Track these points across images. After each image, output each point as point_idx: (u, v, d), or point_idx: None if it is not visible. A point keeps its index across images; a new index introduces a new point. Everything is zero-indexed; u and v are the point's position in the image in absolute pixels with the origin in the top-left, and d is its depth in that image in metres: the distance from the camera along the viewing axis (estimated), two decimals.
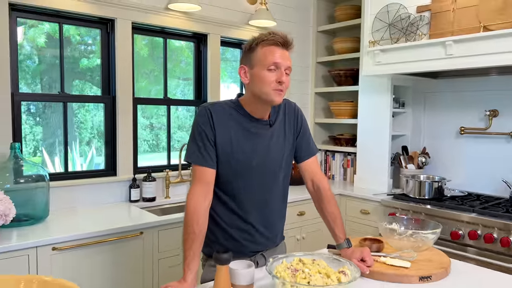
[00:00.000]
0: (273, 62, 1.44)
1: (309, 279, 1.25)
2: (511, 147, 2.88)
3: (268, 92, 1.46)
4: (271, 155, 1.57)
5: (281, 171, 1.62)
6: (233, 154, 1.51)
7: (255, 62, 1.47)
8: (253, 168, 1.54)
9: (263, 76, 1.45)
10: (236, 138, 1.51)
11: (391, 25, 2.85)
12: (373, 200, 3.07)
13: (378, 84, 3.28)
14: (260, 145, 1.54)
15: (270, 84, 1.45)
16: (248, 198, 1.56)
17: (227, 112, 1.53)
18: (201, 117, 1.51)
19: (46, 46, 2.61)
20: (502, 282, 1.50)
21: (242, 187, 1.54)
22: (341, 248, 1.58)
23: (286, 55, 1.47)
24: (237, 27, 3.32)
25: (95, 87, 2.83)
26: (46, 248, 1.99)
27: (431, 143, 3.33)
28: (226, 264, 1.32)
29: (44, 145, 2.69)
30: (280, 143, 1.59)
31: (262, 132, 1.55)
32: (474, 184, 3.07)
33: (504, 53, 2.33)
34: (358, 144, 3.48)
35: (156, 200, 2.84)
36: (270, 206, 1.61)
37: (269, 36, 1.46)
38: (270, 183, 1.59)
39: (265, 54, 1.45)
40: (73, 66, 2.71)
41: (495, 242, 2.38)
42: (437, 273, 1.49)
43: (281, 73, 1.45)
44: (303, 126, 1.67)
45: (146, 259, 2.31)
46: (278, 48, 1.46)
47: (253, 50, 1.48)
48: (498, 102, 2.94)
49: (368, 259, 1.51)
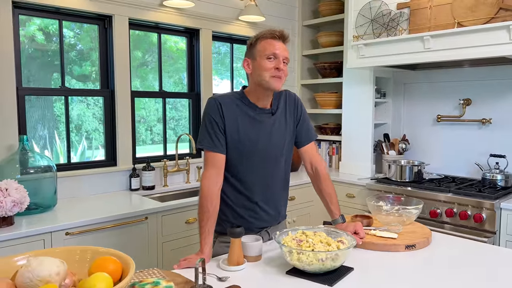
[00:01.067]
0: (272, 52, 1.63)
1: (313, 247, 1.44)
2: (483, 133, 3.15)
3: (267, 79, 1.64)
4: (273, 141, 1.74)
5: (283, 156, 1.80)
6: (240, 141, 1.68)
7: (256, 54, 1.66)
8: (258, 153, 1.71)
9: (263, 64, 1.64)
10: (242, 126, 1.68)
11: (373, 20, 3.05)
12: (358, 184, 3.29)
13: (361, 76, 3.49)
14: (264, 132, 1.72)
15: (269, 70, 1.63)
16: (253, 180, 1.74)
17: (234, 103, 1.70)
18: (212, 108, 1.68)
19: (45, 42, 2.71)
20: (473, 248, 1.73)
21: (248, 170, 1.72)
22: (337, 223, 1.78)
23: (284, 47, 1.67)
24: (227, 22, 3.47)
25: (90, 82, 2.93)
26: (60, 233, 2.13)
27: (410, 130, 3.57)
28: (240, 237, 1.50)
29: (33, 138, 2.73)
30: (282, 130, 1.77)
31: (265, 120, 1.73)
32: (450, 168, 3.33)
33: (476, 47, 2.56)
34: (342, 132, 3.70)
35: (155, 188, 2.99)
36: (273, 187, 1.79)
37: (268, 32, 1.67)
38: (272, 166, 1.77)
39: (264, 46, 1.65)
40: (70, 61, 2.80)
41: (469, 219, 2.63)
42: (420, 242, 1.71)
43: (278, 61, 1.63)
44: (303, 114, 1.85)
45: (150, 243, 2.47)
46: (276, 41, 1.65)
47: (255, 44, 1.68)
48: (471, 91, 3.19)
49: (361, 232, 1.72)
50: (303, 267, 1.41)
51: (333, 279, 1.39)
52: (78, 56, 2.85)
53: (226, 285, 1.35)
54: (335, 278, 1.40)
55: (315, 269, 1.40)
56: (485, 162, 3.07)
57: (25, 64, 2.61)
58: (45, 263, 0.95)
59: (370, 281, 1.40)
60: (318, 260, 1.38)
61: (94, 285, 0.90)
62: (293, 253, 1.42)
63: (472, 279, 1.41)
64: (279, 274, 1.45)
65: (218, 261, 1.55)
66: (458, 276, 1.44)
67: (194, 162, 3.31)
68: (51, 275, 0.94)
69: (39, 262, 0.95)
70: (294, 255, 1.41)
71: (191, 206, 2.63)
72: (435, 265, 1.54)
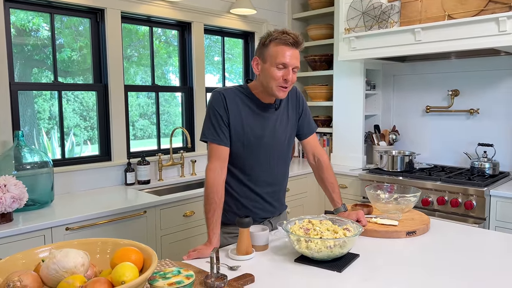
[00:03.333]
0: (282, 62, 1.59)
1: (321, 235, 1.47)
2: (470, 122, 3.24)
3: (273, 87, 1.64)
4: (276, 136, 1.77)
5: (285, 149, 1.83)
6: (244, 134, 1.70)
7: (266, 57, 1.62)
8: (261, 147, 1.74)
9: (271, 72, 1.61)
10: (246, 120, 1.70)
11: (364, 13, 3.09)
12: (350, 175, 3.35)
13: (352, 69, 3.54)
14: (267, 127, 1.74)
15: (277, 80, 1.61)
16: (256, 172, 1.77)
17: (238, 97, 1.72)
18: (216, 101, 1.69)
19: (36, 35, 2.66)
20: (469, 233, 1.80)
21: (252, 163, 1.75)
22: (339, 212, 1.83)
23: (295, 55, 1.62)
24: (219, 15, 3.46)
25: (78, 77, 2.88)
26: (60, 228, 2.12)
27: (400, 121, 3.64)
28: (248, 227, 1.53)
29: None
30: (284, 125, 1.80)
31: (269, 115, 1.75)
32: (439, 157, 3.42)
33: (465, 38, 2.63)
34: (333, 124, 3.75)
35: (150, 183, 2.98)
36: (275, 179, 1.83)
37: (281, 36, 1.59)
38: (275, 159, 1.80)
39: (276, 52, 1.59)
40: (32, 54, 2.71)
41: (460, 206, 2.72)
42: (420, 228, 1.77)
43: (287, 72, 1.61)
44: (304, 108, 1.88)
45: (149, 236, 2.47)
46: (288, 48, 1.59)
47: (267, 46, 1.62)
48: (459, 82, 3.28)
49: (363, 220, 1.77)
50: (311, 254, 1.44)
51: (341, 265, 1.43)
52: (65, 50, 2.81)
53: (237, 273, 1.38)
54: (343, 265, 1.44)
55: (324, 256, 1.43)
56: (474, 151, 3.16)
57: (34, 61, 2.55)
58: (70, 255, 0.96)
59: (376, 266, 1.44)
60: (326, 248, 1.42)
61: (123, 274, 0.91)
62: (301, 241, 1.45)
63: (473, 262, 1.47)
64: (288, 262, 1.49)
65: (227, 251, 1.57)
66: (458, 259, 1.50)
67: (188, 156, 3.31)
68: (76, 266, 0.95)
69: (64, 254, 0.95)
70: (303, 243, 1.45)
71: (188, 200, 2.64)
72: (436, 250, 1.60)
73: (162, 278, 1.05)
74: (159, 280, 1.04)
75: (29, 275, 0.93)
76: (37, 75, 2.73)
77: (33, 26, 2.66)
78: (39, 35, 2.69)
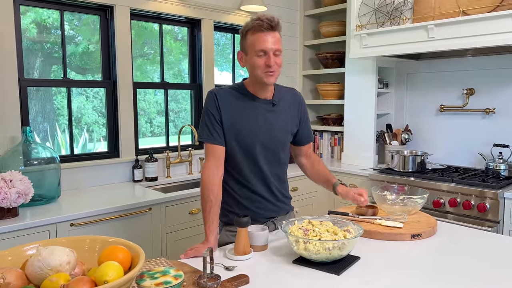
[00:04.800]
0: (260, 50, 1.58)
1: (320, 236, 1.44)
2: (486, 122, 3.14)
3: (259, 75, 1.63)
4: (273, 133, 1.74)
5: (282, 148, 1.80)
6: (238, 133, 1.68)
7: (247, 49, 1.63)
8: (257, 145, 1.71)
9: (254, 62, 1.61)
10: (240, 118, 1.68)
11: (376, 9, 3.03)
12: (360, 175, 3.29)
13: (364, 66, 3.48)
14: (263, 123, 1.71)
15: (260, 68, 1.61)
16: (253, 172, 1.74)
17: (231, 95, 1.70)
18: (209, 101, 1.69)
19: (47, 33, 2.68)
20: (478, 237, 1.73)
21: (248, 162, 1.72)
22: (337, 185, 1.83)
23: (274, 38, 1.59)
24: (229, 12, 3.44)
25: (73, 72, 2.88)
26: (65, 224, 2.13)
27: (413, 120, 3.56)
28: (246, 226, 1.50)
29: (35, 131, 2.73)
30: (283, 122, 1.77)
31: (265, 111, 1.72)
32: (452, 158, 3.33)
33: (481, 35, 2.54)
34: (345, 123, 3.69)
35: (158, 180, 2.98)
36: (273, 178, 1.79)
37: (256, 23, 1.58)
38: (272, 158, 1.77)
39: (253, 42, 1.59)
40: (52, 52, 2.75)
41: (473, 208, 2.63)
42: (426, 231, 1.71)
43: (268, 57, 1.59)
44: (306, 116, 1.87)
45: (154, 233, 2.47)
46: (264, 34, 1.58)
47: (245, 37, 1.63)
48: (474, 81, 3.18)
49: (364, 195, 1.77)
50: (310, 256, 1.41)
51: (340, 268, 1.39)
52: (78, 47, 2.83)
53: (233, 274, 1.35)
54: (342, 267, 1.40)
55: (322, 258, 1.40)
56: (489, 152, 3.07)
57: (26, 56, 2.59)
58: (56, 252, 0.95)
59: (377, 270, 1.40)
60: (325, 249, 1.38)
61: (106, 273, 0.89)
62: (299, 242, 1.42)
63: (479, 267, 1.41)
64: (286, 263, 1.46)
65: (225, 251, 1.55)
66: (464, 264, 1.44)
67: (196, 153, 3.30)
68: (61, 264, 0.94)
69: (49, 252, 0.94)
70: (301, 244, 1.41)
71: (194, 197, 2.63)
72: (441, 253, 1.54)
73: (150, 278, 1.03)
74: (146, 279, 1.02)
75: (13, 272, 0.92)
76: (56, 72, 2.79)
77: (53, 23, 2.70)
78: (58, 32, 2.73)
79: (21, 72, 2.52)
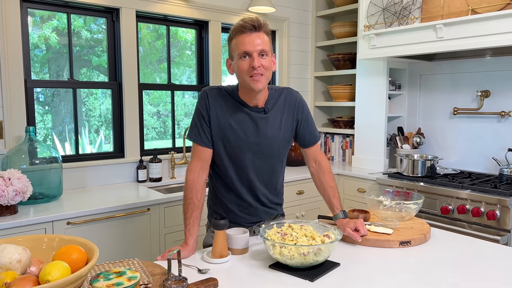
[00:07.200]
0: (243, 51, 1.50)
1: (296, 241, 1.40)
2: (501, 126, 2.99)
3: (246, 80, 1.53)
4: (263, 141, 1.65)
5: (276, 157, 1.71)
6: (226, 137, 1.63)
7: (232, 54, 1.56)
8: (246, 155, 1.65)
9: (239, 66, 1.53)
10: (228, 122, 1.62)
11: (385, 9, 2.95)
12: (369, 179, 3.21)
13: (374, 67, 3.39)
14: (254, 132, 1.64)
15: (245, 71, 1.51)
16: (240, 180, 1.68)
17: (224, 96, 1.64)
18: (200, 99, 1.65)
19: (54, 35, 2.75)
20: (474, 246, 1.64)
21: (235, 169, 1.67)
22: (337, 218, 1.70)
23: (257, 39, 1.50)
24: (237, 13, 3.43)
25: (102, 75, 2.98)
26: (61, 222, 2.17)
27: (426, 123, 3.44)
28: (223, 229, 1.48)
29: (54, 132, 2.84)
30: (275, 129, 1.67)
31: (255, 119, 1.64)
32: (466, 162, 3.19)
33: (491, 35, 2.43)
34: (355, 126, 3.61)
35: (162, 180, 3.00)
36: (263, 187, 1.72)
37: (238, 27, 1.51)
38: (263, 168, 1.69)
39: (236, 45, 1.52)
40: (80, 55, 2.85)
41: (482, 216, 2.51)
42: (416, 238, 1.64)
43: (252, 59, 1.50)
44: (305, 115, 1.73)
45: (152, 234, 2.48)
46: (246, 35, 1.50)
47: (230, 42, 1.57)
48: (489, 83, 3.04)
49: (362, 229, 1.62)
50: (284, 261, 1.37)
51: (315, 274, 1.34)
52: (92, 48, 2.90)
53: (204, 277, 1.33)
54: (317, 273, 1.35)
55: (297, 263, 1.36)
56: (503, 157, 2.92)
57: (53, 60, 2.70)
58: (6, 250, 0.95)
59: (354, 277, 1.35)
60: (300, 254, 1.34)
61: (49, 272, 0.89)
62: (276, 247, 1.38)
63: (463, 279, 1.33)
64: (263, 268, 1.42)
65: (203, 254, 1.53)
66: (448, 274, 1.37)
67: None
68: (11, 262, 0.95)
69: (0, 250, 0.95)
70: (277, 249, 1.38)
71: None
72: (427, 263, 1.47)
73: (104, 279, 1.02)
74: (100, 280, 1.02)
75: None
76: (84, 75, 2.89)
77: (75, 29, 2.81)
78: (83, 35, 2.84)
79: (28, 73, 2.59)
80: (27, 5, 2.58)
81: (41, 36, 2.69)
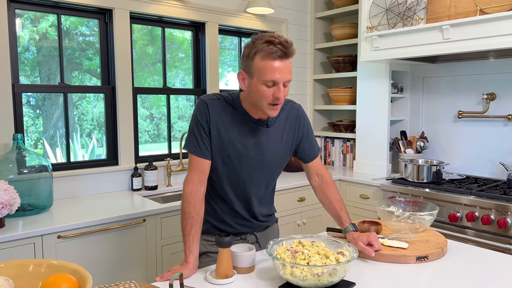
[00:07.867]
0: (271, 80, 1.39)
1: (309, 260, 1.28)
2: (508, 130, 2.91)
3: (263, 106, 1.45)
4: (263, 155, 1.57)
5: (271, 170, 1.64)
6: (225, 149, 1.53)
7: (253, 72, 1.42)
8: (245, 170, 1.57)
9: (260, 90, 1.41)
10: (229, 134, 1.53)
11: (388, 10, 2.85)
12: (372, 184, 3.10)
13: (376, 70, 3.29)
14: (253, 144, 1.55)
15: (267, 98, 1.42)
16: (236, 194, 1.61)
17: (224, 107, 1.54)
18: (199, 109, 1.54)
19: (44, 38, 2.62)
20: (495, 260, 1.54)
21: (232, 183, 1.59)
22: (347, 231, 1.60)
23: (286, 68, 1.40)
24: (234, 15, 3.32)
25: (95, 78, 2.85)
26: (52, 236, 2.03)
27: (430, 127, 3.35)
28: (228, 247, 1.36)
29: (45, 137, 2.71)
30: (276, 144, 1.60)
31: (257, 132, 1.56)
32: (472, 167, 3.10)
33: (500, 36, 2.34)
34: (357, 130, 3.51)
35: (158, 189, 2.87)
36: (258, 202, 1.66)
37: (267, 48, 1.37)
38: (261, 183, 1.63)
39: (263, 68, 1.38)
40: (71, 57, 2.73)
41: (492, 224, 2.42)
42: (433, 253, 1.53)
43: (278, 89, 1.40)
44: (307, 130, 1.68)
45: (149, 246, 2.35)
46: (277, 62, 1.38)
47: (252, 58, 1.41)
48: (495, 85, 2.96)
49: (375, 243, 1.52)
50: (296, 282, 1.25)
51: None
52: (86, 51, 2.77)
53: None
54: None
55: (310, 285, 1.24)
56: (511, 161, 2.83)
57: (44, 63, 2.58)
58: None
59: None
60: (313, 275, 1.22)
61: None
62: (286, 266, 1.27)
63: None
64: None
65: (206, 273, 1.41)
66: None
67: None
68: None
69: None
70: (287, 269, 1.26)
71: None
72: (447, 280, 1.36)
73: None
74: None
75: None
76: (76, 78, 2.77)
77: (70, 29, 2.68)
78: (79, 39, 2.72)
79: (15, 77, 2.46)
80: (15, 5, 2.44)
81: (31, 39, 2.56)
